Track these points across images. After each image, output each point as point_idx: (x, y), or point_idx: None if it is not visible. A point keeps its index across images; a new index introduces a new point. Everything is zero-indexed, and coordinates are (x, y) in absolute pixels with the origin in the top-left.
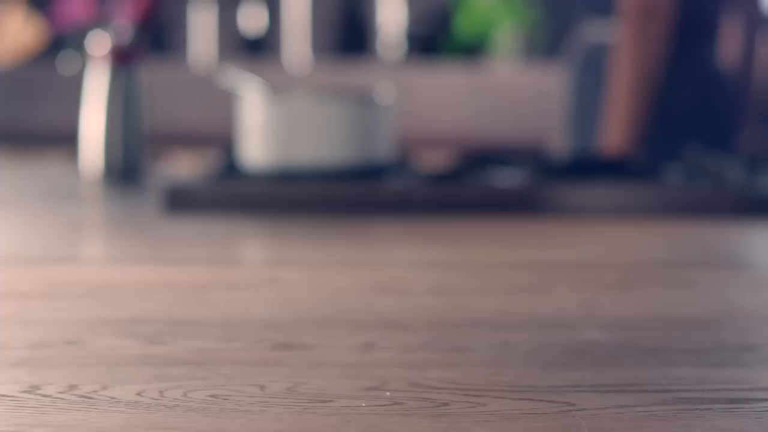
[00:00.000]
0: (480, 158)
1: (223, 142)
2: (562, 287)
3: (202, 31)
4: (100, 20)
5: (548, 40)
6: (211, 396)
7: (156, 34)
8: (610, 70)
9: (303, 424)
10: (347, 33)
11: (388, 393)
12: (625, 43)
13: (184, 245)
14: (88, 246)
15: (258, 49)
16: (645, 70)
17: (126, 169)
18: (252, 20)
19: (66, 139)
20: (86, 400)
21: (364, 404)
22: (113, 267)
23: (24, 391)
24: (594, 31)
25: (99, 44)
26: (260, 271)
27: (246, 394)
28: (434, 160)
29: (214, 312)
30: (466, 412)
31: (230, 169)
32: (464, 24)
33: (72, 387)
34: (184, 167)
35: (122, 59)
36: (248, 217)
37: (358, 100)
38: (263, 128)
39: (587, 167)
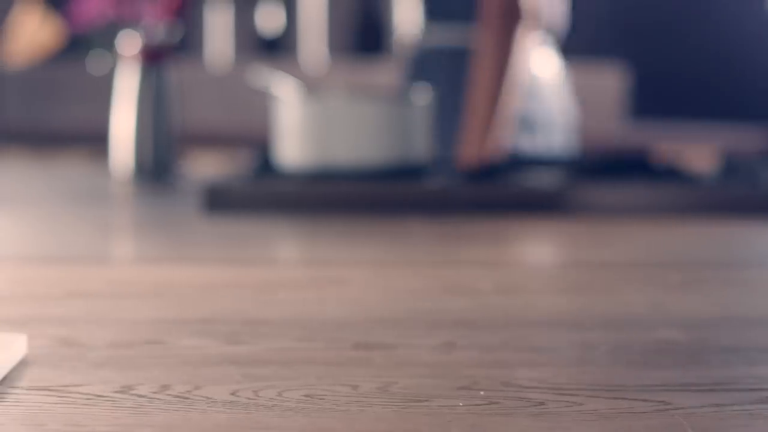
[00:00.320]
0: (510, 158)
1: (243, 141)
2: (627, 287)
3: (218, 30)
4: (130, 19)
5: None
6: (306, 396)
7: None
8: (471, 77)
9: (404, 423)
10: (363, 33)
11: (482, 392)
12: (486, 49)
13: (234, 245)
14: (138, 246)
15: (274, 49)
16: (507, 78)
17: (156, 168)
18: (269, 20)
19: (85, 139)
20: (182, 400)
21: (461, 404)
22: (172, 267)
23: (117, 392)
24: (425, 33)
25: (129, 43)
26: (322, 271)
27: (340, 394)
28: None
29: (285, 312)
30: (564, 411)
31: (266, 169)
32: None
33: (164, 387)
34: (210, 167)
35: (153, 58)
36: (286, 216)
37: (394, 99)
38: (300, 128)
39: (618, 167)
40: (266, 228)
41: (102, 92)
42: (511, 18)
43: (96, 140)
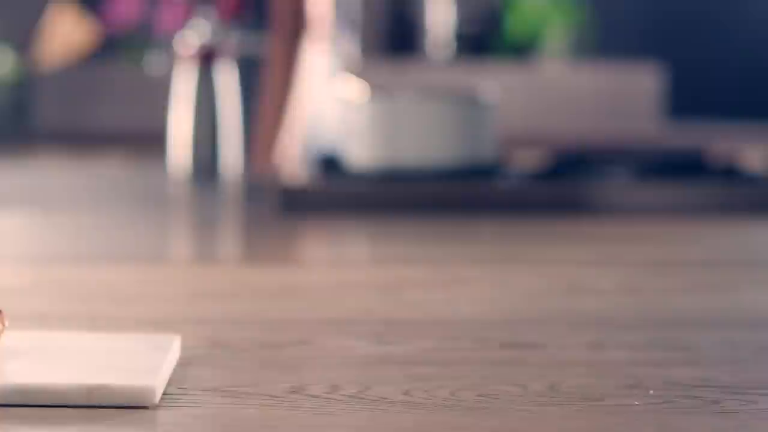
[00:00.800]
0: (574, 157)
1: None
2: (744, 285)
3: None
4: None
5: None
6: (480, 396)
7: None
8: (262, 87)
9: (592, 422)
10: (396, 33)
11: (651, 391)
12: (275, 58)
13: (330, 245)
14: (234, 247)
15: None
16: (293, 88)
17: (213, 169)
18: None
19: (123, 139)
20: (359, 400)
21: (636, 402)
22: (283, 268)
23: (291, 393)
24: (245, 41)
25: (186, 43)
26: (440, 271)
27: (513, 394)
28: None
29: (420, 311)
30: (741, 409)
31: (333, 169)
32: (514, 23)
33: (335, 388)
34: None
35: (209, 58)
36: (362, 217)
37: (463, 99)
38: (368, 128)
39: (676, 167)
40: (351, 228)
41: (140, 92)
42: (296, 28)
43: (134, 140)
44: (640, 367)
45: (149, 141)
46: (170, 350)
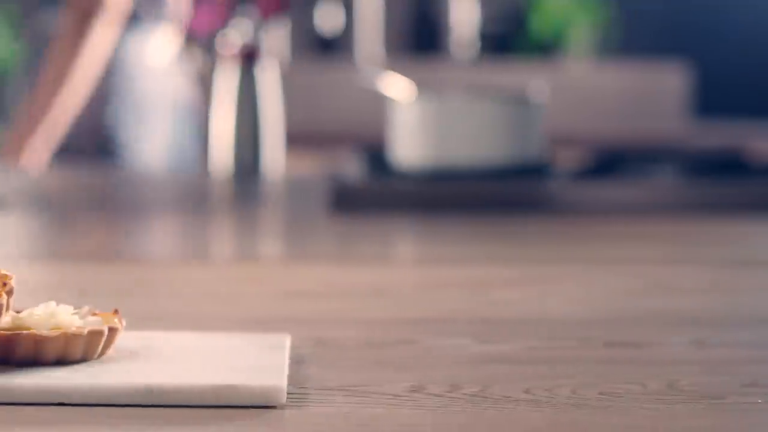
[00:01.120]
0: (614, 156)
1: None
2: None
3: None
4: (223, 20)
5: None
6: (602, 394)
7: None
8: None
9: (720, 421)
10: (420, 32)
11: None
12: (62, 40)
13: (401, 244)
14: (304, 246)
15: (330, 49)
16: (75, 75)
17: (255, 168)
18: (327, 20)
19: None
20: (484, 399)
21: (759, 401)
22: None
23: (412, 391)
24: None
25: (228, 43)
26: (523, 270)
27: (635, 392)
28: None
29: (513, 310)
30: None
31: (381, 168)
32: (538, 22)
33: (455, 386)
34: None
35: (251, 58)
36: (415, 216)
37: (513, 98)
38: (418, 128)
39: (726, 165)
40: (409, 227)
41: None
42: (90, 8)
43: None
44: (751, 365)
45: None
46: (285, 349)
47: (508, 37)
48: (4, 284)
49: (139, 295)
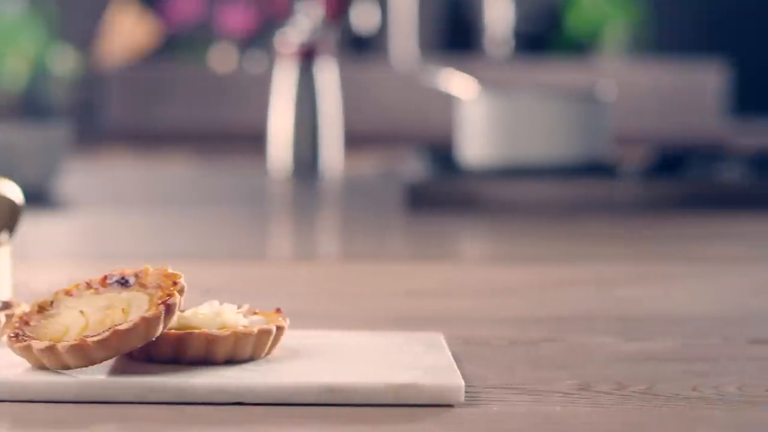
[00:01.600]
0: (680, 155)
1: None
2: None
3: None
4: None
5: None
6: None
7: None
8: None
9: None
10: (454, 31)
11: None
12: None
13: (491, 242)
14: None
15: (365, 47)
16: None
17: (314, 166)
18: (362, 19)
19: (188, 138)
20: (654, 396)
21: None
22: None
23: (580, 389)
24: None
25: (286, 41)
26: (635, 268)
27: None
28: None
29: (641, 308)
30: None
31: (451, 167)
32: (574, 21)
33: (620, 385)
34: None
35: (310, 56)
36: (489, 215)
37: (582, 96)
38: (486, 126)
39: None
40: (490, 225)
41: (193, 91)
42: None
43: (202, 138)
44: None
45: (219, 139)
46: (445, 348)
47: (543, 36)
48: (175, 283)
49: (263, 294)
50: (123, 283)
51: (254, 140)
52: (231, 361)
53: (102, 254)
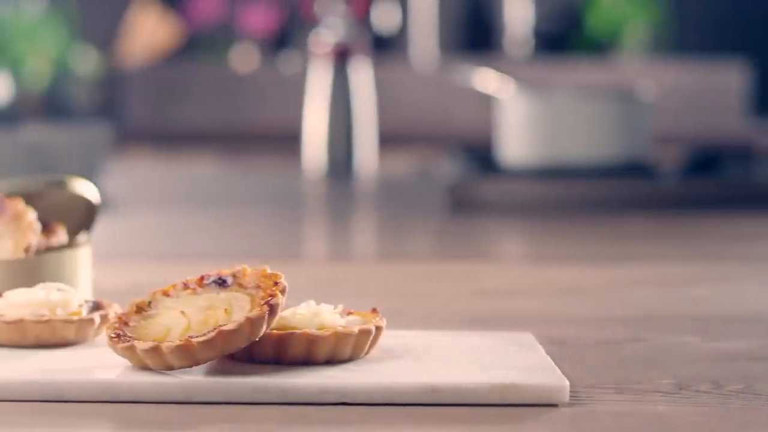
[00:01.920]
0: (713, 155)
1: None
2: None
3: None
4: (320, 17)
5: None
6: None
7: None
8: None
9: None
10: (474, 30)
11: None
12: None
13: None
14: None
15: (385, 47)
16: None
17: (349, 166)
18: (383, 18)
19: (209, 138)
20: (755, 396)
21: None
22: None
23: (679, 389)
24: None
25: (320, 41)
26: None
27: None
28: None
29: (715, 307)
30: None
31: (490, 167)
32: (594, 20)
33: (717, 384)
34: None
35: (344, 56)
36: (532, 215)
37: (623, 96)
38: (526, 126)
39: None
40: (535, 225)
41: (214, 91)
42: None
43: (224, 139)
44: None
45: (240, 140)
46: (539, 348)
47: (563, 36)
48: (276, 283)
49: (343, 294)
50: (221, 283)
51: (276, 140)
52: (330, 361)
53: (160, 254)
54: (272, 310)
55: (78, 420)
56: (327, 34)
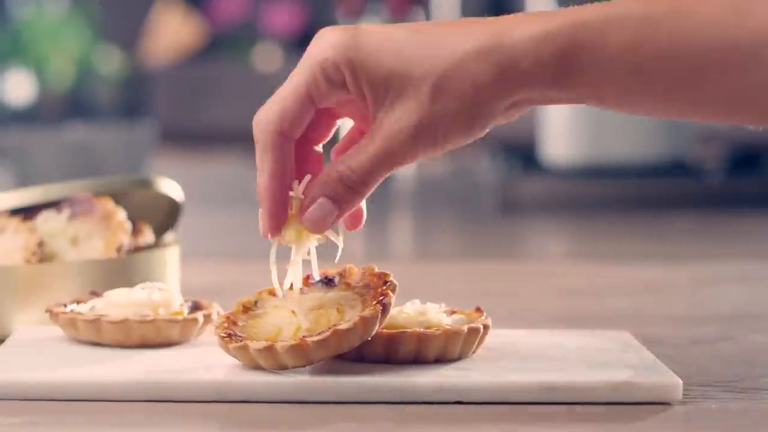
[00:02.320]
0: (755, 154)
1: None
2: None
3: None
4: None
5: None
6: None
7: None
8: None
9: None
10: None
11: None
12: None
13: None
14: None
15: None
16: None
17: None
18: (405, 18)
19: (232, 137)
20: None
21: None
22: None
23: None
24: None
25: None
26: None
27: None
28: None
29: None
30: None
31: (535, 167)
32: None
33: None
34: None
35: None
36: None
37: None
38: (571, 125)
39: None
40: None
41: (238, 91)
42: None
43: (247, 138)
44: None
45: None
46: (641, 346)
47: None
48: (386, 282)
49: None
50: (327, 282)
51: None
52: (440, 360)
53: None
54: (385, 309)
55: (183, 419)
56: None
